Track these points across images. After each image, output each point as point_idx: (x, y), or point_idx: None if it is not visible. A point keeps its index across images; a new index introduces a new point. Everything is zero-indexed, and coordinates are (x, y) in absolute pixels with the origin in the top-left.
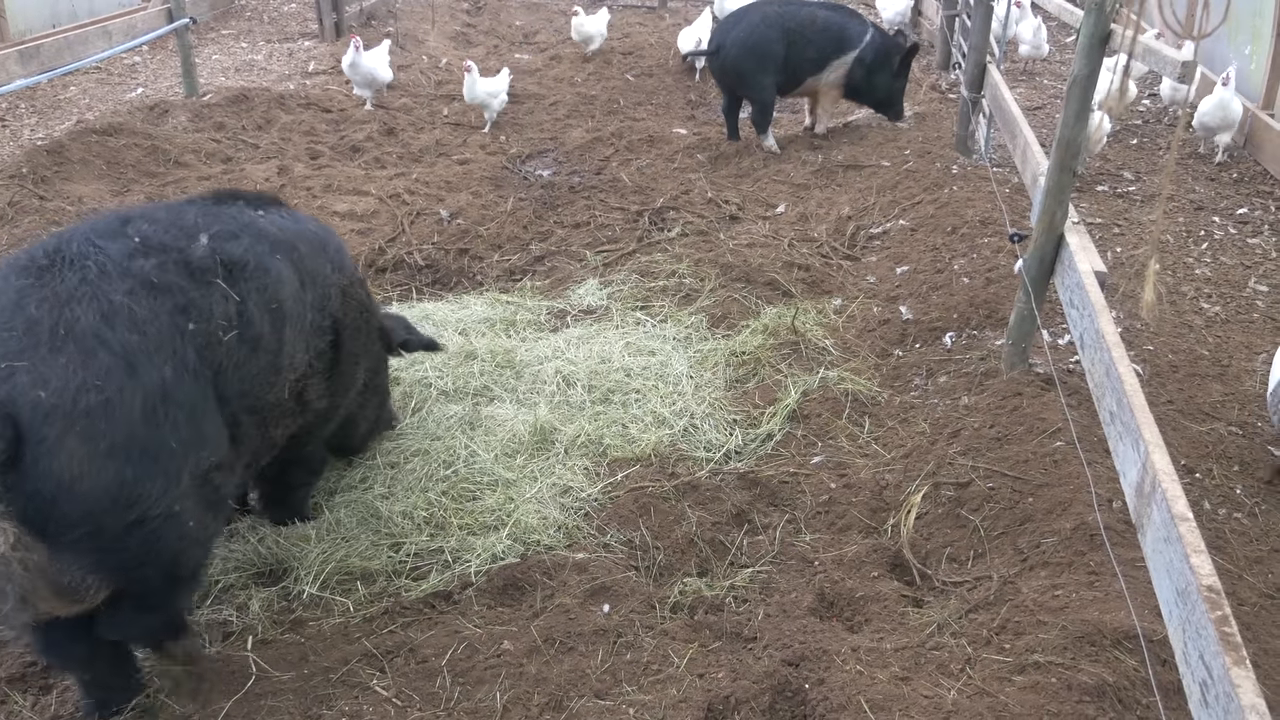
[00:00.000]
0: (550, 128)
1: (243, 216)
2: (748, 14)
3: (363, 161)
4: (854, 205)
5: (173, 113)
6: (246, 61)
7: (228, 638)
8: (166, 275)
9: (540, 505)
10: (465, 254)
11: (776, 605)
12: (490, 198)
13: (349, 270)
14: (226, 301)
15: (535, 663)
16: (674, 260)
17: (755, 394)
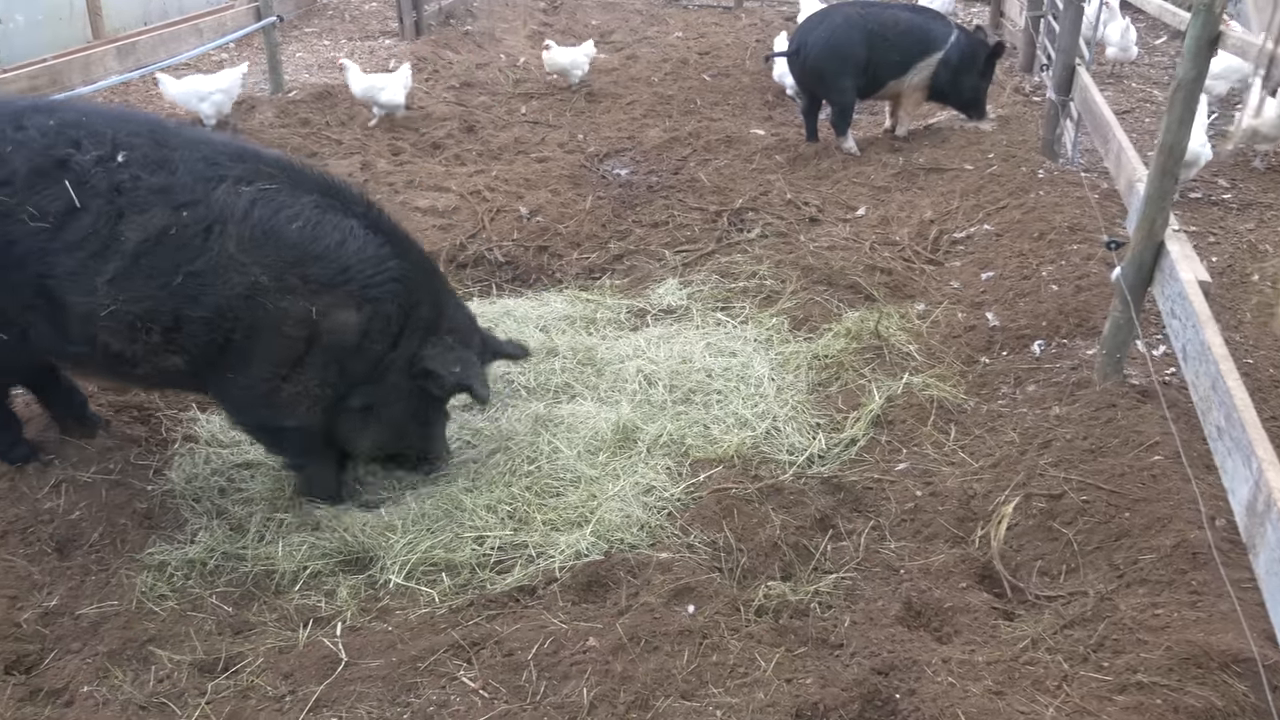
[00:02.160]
0: (627, 127)
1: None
2: (829, 15)
3: (443, 158)
4: (936, 209)
5: (259, 108)
6: (329, 59)
7: (317, 623)
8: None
9: (623, 503)
10: (545, 251)
11: (862, 613)
12: (569, 196)
13: (323, 285)
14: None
15: (621, 660)
16: (754, 261)
17: (838, 398)
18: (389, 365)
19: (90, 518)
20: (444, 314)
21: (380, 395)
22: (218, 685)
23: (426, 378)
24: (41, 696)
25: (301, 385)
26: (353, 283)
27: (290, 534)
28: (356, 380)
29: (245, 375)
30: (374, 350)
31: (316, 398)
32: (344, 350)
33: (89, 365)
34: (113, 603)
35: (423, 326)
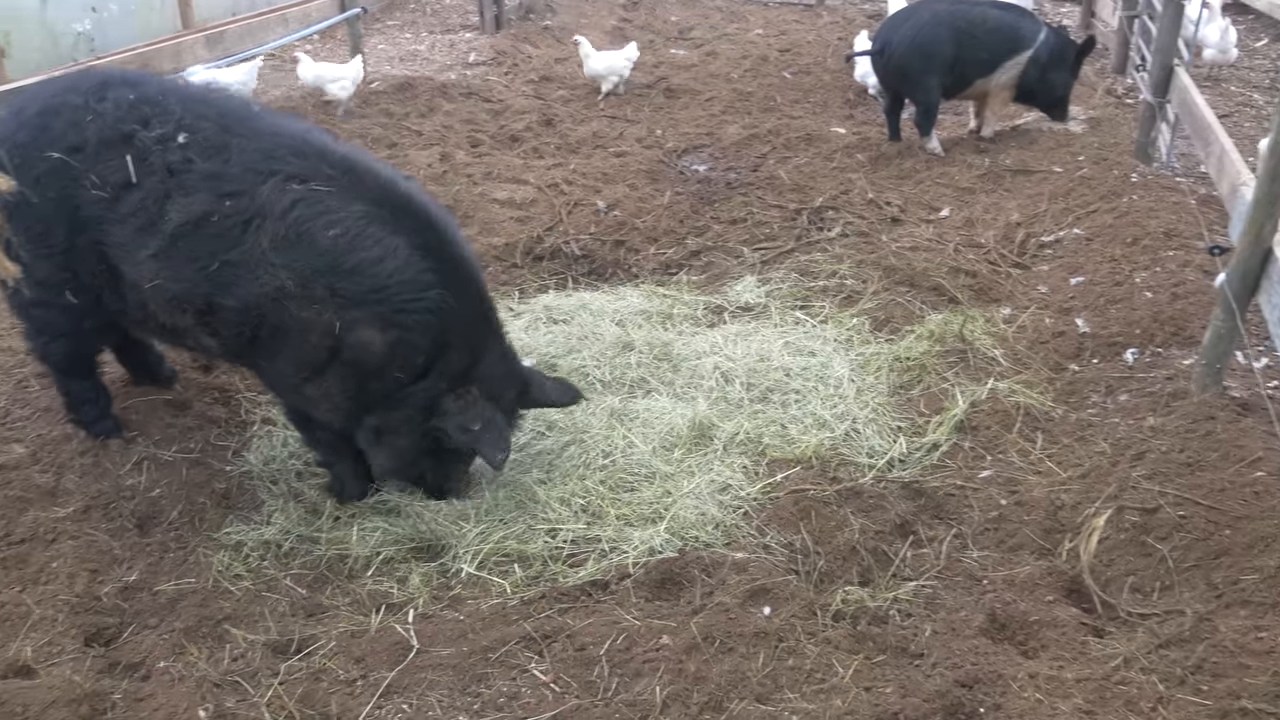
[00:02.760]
0: (706, 123)
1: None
2: (916, 12)
3: (521, 151)
4: (1023, 212)
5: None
6: (410, 51)
7: (389, 609)
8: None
9: (698, 501)
10: (621, 245)
11: (944, 622)
12: (646, 191)
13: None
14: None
15: (694, 660)
16: (834, 260)
17: (920, 401)
18: (406, 397)
19: (170, 495)
20: (479, 362)
21: (392, 423)
22: (290, 666)
23: (441, 431)
24: (119, 670)
25: (323, 391)
26: (384, 304)
27: (364, 519)
28: (374, 401)
29: (272, 367)
30: (395, 377)
31: (338, 405)
32: (364, 370)
33: (151, 333)
34: (190, 580)
35: (451, 371)
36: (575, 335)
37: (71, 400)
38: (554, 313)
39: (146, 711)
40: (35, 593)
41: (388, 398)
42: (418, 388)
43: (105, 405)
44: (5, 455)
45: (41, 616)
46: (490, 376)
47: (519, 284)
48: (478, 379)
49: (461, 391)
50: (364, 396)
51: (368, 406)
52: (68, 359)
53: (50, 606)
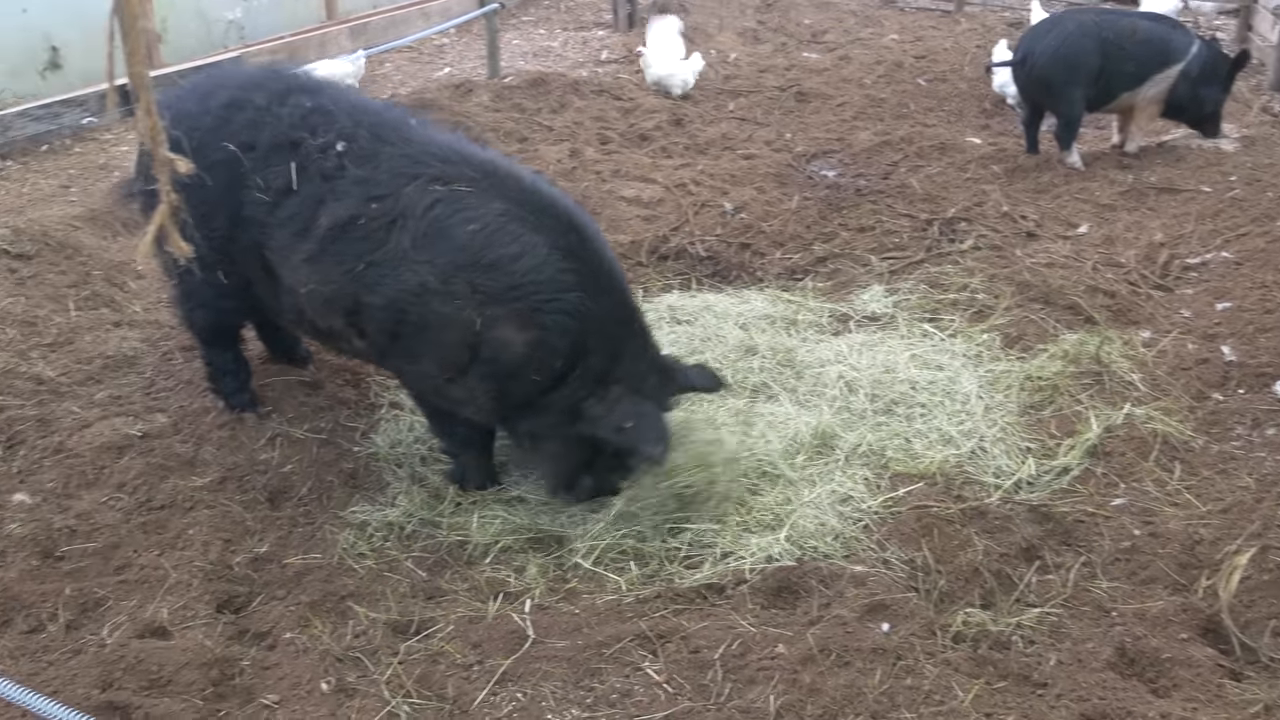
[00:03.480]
0: (837, 128)
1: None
2: (1061, 22)
3: (650, 150)
4: (1168, 232)
5: (476, 92)
6: (544, 47)
7: (506, 597)
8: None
9: (818, 511)
10: (747, 248)
11: (1069, 653)
12: (774, 194)
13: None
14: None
15: (810, 671)
16: (965, 274)
17: (1051, 423)
18: (550, 404)
19: (301, 472)
20: (619, 363)
21: (540, 429)
22: (410, 647)
23: (595, 437)
24: (248, 638)
25: (466, 390)
26: (522, 301)
27: (485, 507)
28: (515, 404)
29: (415, 367)
30: (533, 380)
31: (481, 406)
32: (503, 370)
33: (307, 334)
34: (316, 556)
35: (591, 376)
36: (698, 337)
37: (213, 371)
38: (678, 313)
39: (272, 680)
40: (172, 557)
41: (531, 403)
42: (559, 394)
43: (245, 379)
44: (149, 424)
45: (177, 581)
46: (633, 373)
47: (643, 283)
48: (620, 378)
49: (602, 393)
50: (507, 398)
51: (515, 410)
52: (211, 330)
53: (186, 572)
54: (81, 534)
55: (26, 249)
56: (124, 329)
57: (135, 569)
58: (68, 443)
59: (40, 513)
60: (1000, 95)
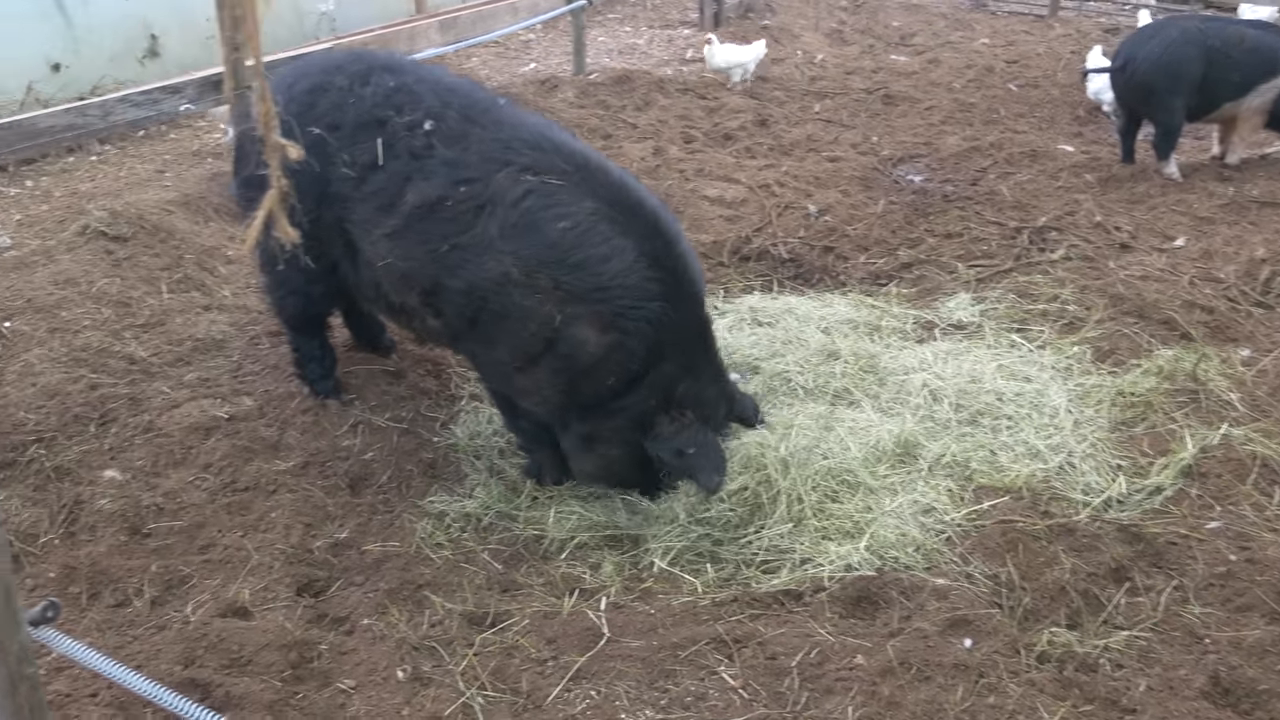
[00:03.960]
0: (924, 132)
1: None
2: (1164, 28)
3: (734, 150)
4: (1270, 247)
5: (561, 88)
6: (629, 45)
7: (581, 594)
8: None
9: (899, 521)
10: (830, 252)
11: (1160, 679)
12: (859, 198)
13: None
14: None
15: (889, 684)
16: (1056, 284)
17: (1144, 441)
18: (620, 409)
19: (381, 460)
20: (692, 381)
21: (603, 432)
22: (485, 639)
23: (655, 454)
24: (327, 622)
25: (533, 381)
26: (605, 304)
27: (561, 502)
28: (585, 404)
29: (488, 353)
30: (606, 381)
31: (546, 398)
32: (576, 367)
33: (381, 310)
34: (394, 544)
35: (663, 387)
36: (779, 339)
37: (300, 357)
38: (759, 315)
39: (349, 665)
40: (255, 539)
41: (599, 405)
42: (630, 400)
43: (330, 366)
44: (236, 407)
45: (259, 563)
46: (704, 398)
47: (724, 283)
48: (692, 401)
49: (676, 414)
50: (574, 396)
51: (579, 409)
52: (300, 316)
53: (268, 554)
54: (168, 512)
55: (123, 231)
56: (213, 312)
57: (219, 549)
58: (157, 422)
59: (129, 489)
60: (1095, 102)
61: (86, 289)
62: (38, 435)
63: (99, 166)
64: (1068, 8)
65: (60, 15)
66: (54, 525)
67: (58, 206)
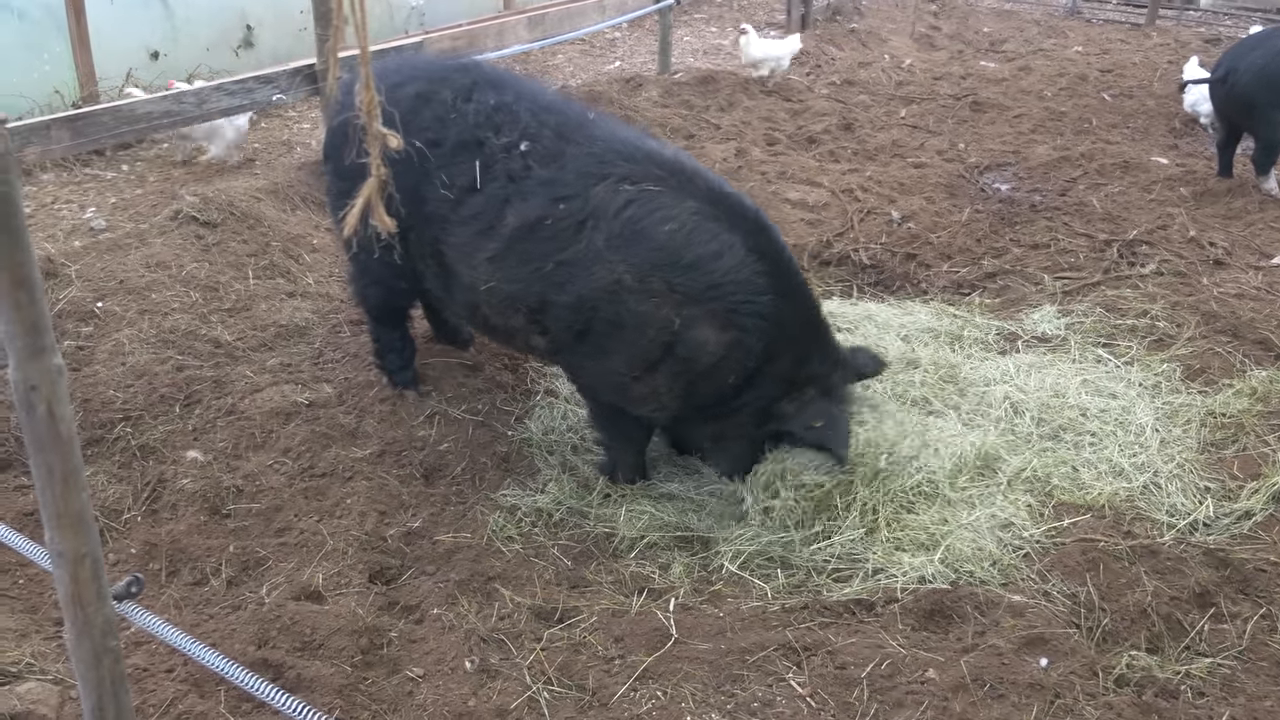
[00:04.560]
0: (1012, 141)
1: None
2: (1270, 39)
3: (817, 153)
4: None
5: (645, 87)
6: (714, 45)
7: (650, 594)
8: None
9: (975, 534)
10: (912, 259)
11: (1244, 709)
12: (943, 205)
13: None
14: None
15: (961, 701)
16: (1146, 299)
17: (1234, 463)
18: (742, 405)
19: (456, 452)
20: (809, 363)
21: (728, 429)
22: (553, 634)
23: (787, 436)
24: (398, 610)
25: (651, 388)
26: (720, 301)
27: (633, 501)
28: (704, 404)
29: (600, 364)
30: (725, 380)
31: (664, 404)
32: (696, 369)
33: (478, 329)
34: (466, 535)
35: (780, 377)
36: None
37: (380, 347)
38: (838, 320)
39: (418, 654)
40: (330, 524)
41: (721, 403)
42: (750, 395)
43: (409, 357)
44: (316, 393)
45: (334, 548)
46: (822, 375)
47: None
48: (811, 379)
49: (796, 395)
50: (693, 397)
51: (697, 409)
52: (382, 307)
53: (342, 540)
54: (247, 494)
55: (213, 217)
56: (297, 299)
57: (295, 532)
58: (239, 405)
59: (210, 471)
60: (1192, 114)
61: (176, 272)
62: (125, 414)
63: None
64: (1166, 16)
65: (161, 4)
66: (137, 502)
67: (151, 191)
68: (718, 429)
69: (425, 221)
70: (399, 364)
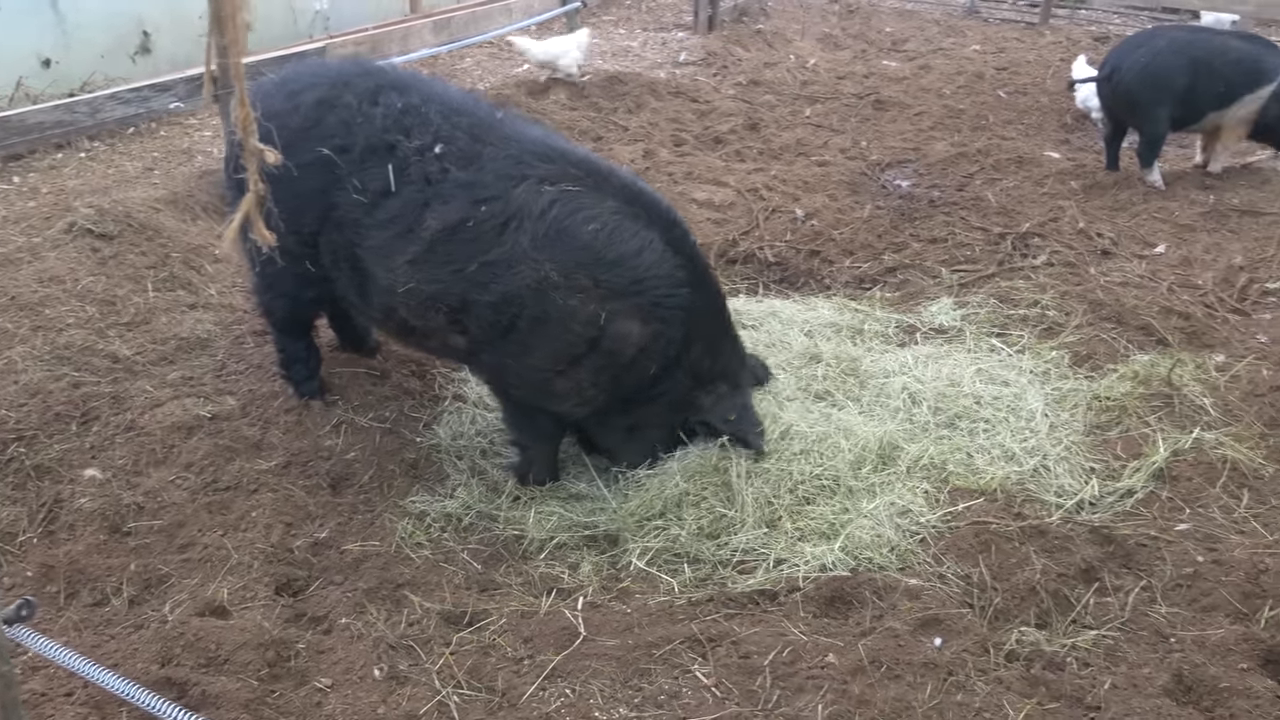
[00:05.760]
0: (913, 138)
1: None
2: (1152, 38)
3: (724, 153)
4: (1248, 255)
5: (553, 90)
6: (623, 47)
7: (559, 593)
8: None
9: (875, 522)
10: (816, 256)
11: (1125, 678)
12: (846, 202)
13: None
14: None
15: (859, 683)
16: (1037, 290)
17: (1117, 444)
18: (660, 394)
19: (363, 460)
20: (718, 358)
21: (646, 418)
22: (462, 638)
23: (704, 426)
24: (305, 621)
25: (574, 382)
26: (643, 296)
27: (542, 503)
28: (625, 395)
29: (523, 362)
30: (647, 371)
31: (587, 398)
32: (620, 361)
33: (392, 333)
34: (375, 543)
35: (695, 366)
36: (763, 342)
37: (285, 358)
38: (743, 318)
39: (326, 664)
40: (235, 538)
41: (640, 393)
42: (668, 384)
43: (315, 367)
44: (219, 406)
45: (238, 562)
46: (731, 369)
47: None
48: (721, 373)
49: (710, 388)
50: (617, 390)
51: (620, 402)
52: (288, 318)
53: (247, 553)
54: (148, 511)
55: (109, 229)
56: (199, 311)
57: (198, 548)
58: (139, 421)
59: (110, 488)
60: (1083, 110)
61: (71, 287)
62: (18, 433)
63: (87, 164)
64: (1059, 16)
65: (52, 10)
66: (33, 524)
67: (44, 203)
68: (634, 420)
69: (337, 227)
70: (305, 374)
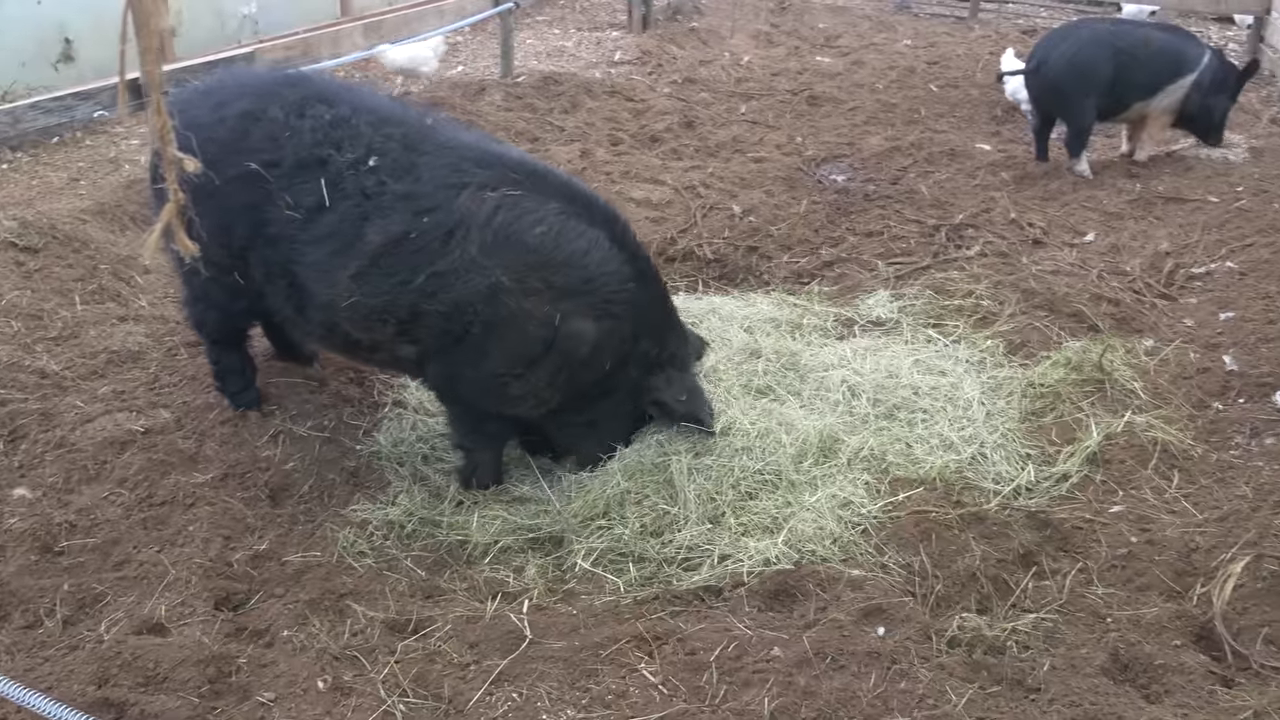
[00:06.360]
0: (847, 133)
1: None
2: (1075, 31)
3: (661, 152)
4: (1174, 241)
5: (488, 91)
6: (557, 48)
7: (504, 597)
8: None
9: (817, 515)
10: (754, 252)
11: (1063, 658)
12: (783, 198)
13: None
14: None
15: (805, 675)
16: (971, 280)
17: (1052, 430)
18: (614, 387)
19: (303, 470)
20: (666, 345)
21: (603, 412)
22: (407, 646)
23: (658, 408)
24: (246, 635)
25: (530, 385)
26: (595, 294)
27: (485, 507)
28: (581, 391)
29: (478, 369)
30: (602, 366)
31: (543, 399)
32: (575, 360)
33: (333, 348)
34: (316, 553)
35: (645, 355)
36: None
37: (219, 370)
38: (683, 315)
39: (269, 678)
40: (172, 554)
41: (595, 387)
42: (622, 377)
43: (250, 378)
44: (152, 420)
45: (176, 577)
46: (678, 353)
47: None
48: (669, 358)
49: (660, 372)
50: (572, 388)
51: (575, 398)
52: (220, 330)
53: (185, 568)
54: (81, 529)
55: (34, 242)
56: (129, 324)
57: (134, 565)
58: (70, 437)
59: (40, 507)
60: (1013, 102)
61: None
62: None
63: (9, 175)
64: (988, 10)
65: None
66: None
67: None
68: (590, 415)
69: (270, 243)
70: (240, 385)
